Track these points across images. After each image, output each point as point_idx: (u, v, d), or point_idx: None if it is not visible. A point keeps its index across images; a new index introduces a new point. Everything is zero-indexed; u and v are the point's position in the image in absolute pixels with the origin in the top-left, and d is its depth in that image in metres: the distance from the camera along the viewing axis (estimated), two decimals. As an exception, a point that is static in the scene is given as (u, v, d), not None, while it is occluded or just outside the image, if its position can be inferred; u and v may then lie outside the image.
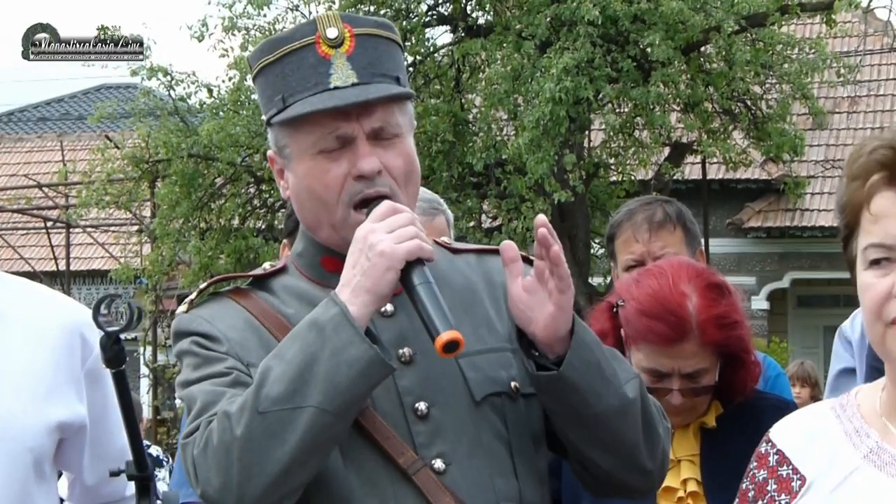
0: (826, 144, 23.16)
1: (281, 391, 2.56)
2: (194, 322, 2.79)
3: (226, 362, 2.71)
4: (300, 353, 2.58)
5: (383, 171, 2.74)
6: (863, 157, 2.28)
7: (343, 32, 2.76)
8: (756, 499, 2.34)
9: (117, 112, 18.73)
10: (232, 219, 17.84)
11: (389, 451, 2.67)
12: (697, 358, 3.51)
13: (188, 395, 2.72)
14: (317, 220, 2.80)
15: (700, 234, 4.58)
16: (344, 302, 2.60)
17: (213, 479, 2.60)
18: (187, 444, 2.66)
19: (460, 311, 2.76)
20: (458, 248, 2.96)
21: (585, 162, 16.88)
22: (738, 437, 3.49)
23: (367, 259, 2.61)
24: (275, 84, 2.79)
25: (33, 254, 25.10)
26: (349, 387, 2.56)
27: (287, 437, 2.55)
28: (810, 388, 10.39)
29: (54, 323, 3.19)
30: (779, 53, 17.28)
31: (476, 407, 2.74)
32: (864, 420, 2.31)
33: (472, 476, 2.70)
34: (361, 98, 2.72)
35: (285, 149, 2.81)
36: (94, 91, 33.91)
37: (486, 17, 17.51)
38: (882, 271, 2.24)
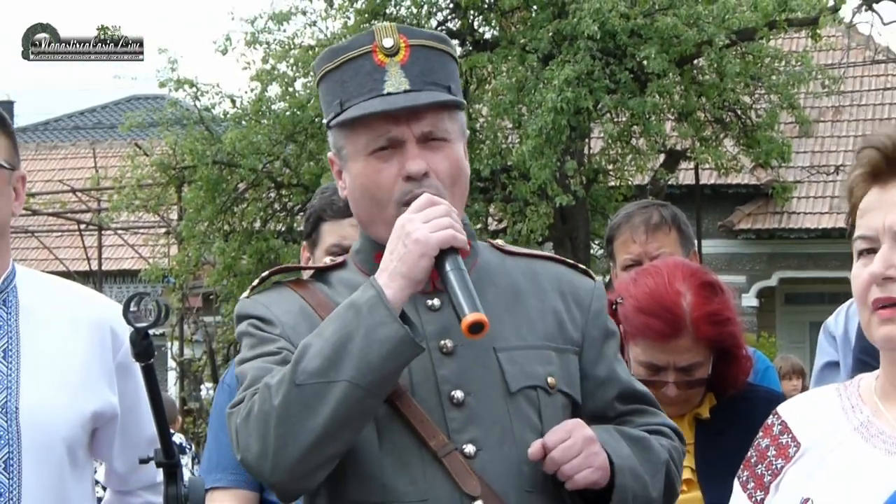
0: (812, 151, 23.12)
1: (317, 365, 2.58)
2: (253, 306, 2.83)
3: (277, 343, 2.74)
4: (337, 332, 2.60)
5: (430, 173, 2.75)
6: (854, 160, 2.35)
7: (398, 42, 2.77)
8: (757, 463, 2.38)
9: (146, 121, 18.70)
10: (254, 222, 17.85)
11: (423, 434, 2.68)
12: (692, 353, 3.51)
13: (241, 372, 2.76)
14: (370, 217, 2.82)
15: (694, 236, 4.57)
16: (381, 285, 2.62)
17: (252, 446, 2.63)
18: (232, 413, 2.69)
19: (503, 308, 2.79)
20: (510, 250, 2.95)
21: (585, 168, 16.87)
22: (730, 428, 3.49)
23: (404, 246, 2.63)
24: (334, 90, 2.82)
25: (67, 254, 25.10)
26: (380, 364, 2.58)
27: (320, 409, 2.57)
28: (803, 378, 10.49)
29: (86, 318, 3.19)
30: (767, 66, 17.27)
31: (511, 398, 2.74)
32: (861, 399, 2.35)
33: (500, 462, 2.70)
34: (411, 103, 2.73)
35: (342, 150, 2.83)
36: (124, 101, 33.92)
37: (492, 32, 17.50)
38: (867, 260, 2.28)
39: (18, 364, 3.10)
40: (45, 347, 3.13)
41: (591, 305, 2.89)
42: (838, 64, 20.77)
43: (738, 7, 16.44)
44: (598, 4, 15.54)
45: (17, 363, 3.10)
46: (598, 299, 2.92)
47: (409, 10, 17.17)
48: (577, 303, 2.89)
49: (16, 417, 3.04)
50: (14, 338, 3.12)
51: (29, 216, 24.10)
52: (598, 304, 2.91)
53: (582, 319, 2.87)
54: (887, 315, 2.23)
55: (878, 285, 2.24)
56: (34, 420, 3.05)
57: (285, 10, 17.54)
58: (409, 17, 17.05)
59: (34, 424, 3.05)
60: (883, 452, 2.24)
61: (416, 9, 17.12)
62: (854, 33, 21.82)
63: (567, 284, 2.90)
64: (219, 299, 18.65)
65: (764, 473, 2.36)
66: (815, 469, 2.29)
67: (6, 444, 3.03)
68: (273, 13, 17.49)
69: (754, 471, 2.37)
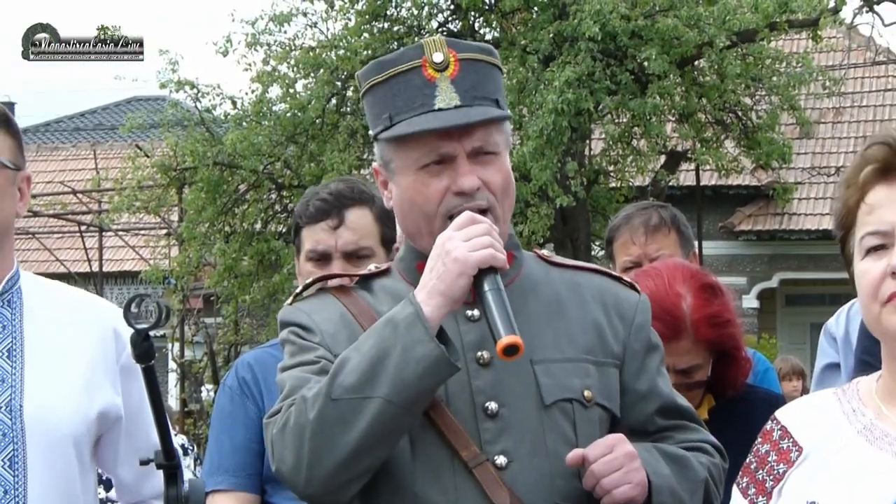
0: (812, 152, 23.13)
1: (353, 381, 2.60)
2: (295, 314, 2.84)
3: (317, 351, 2.76)
4: (374, 347, 2.62)
5: (482, 187, 2.76)
6: (858, 158, 2.32)
7: (448, 57, 2.77)
8: (757, 469, 2.37)
9: (147, 123, 18.69)
10: (254, 223, 17.85)
11: (455, 444, 2.69)
12: (691, 355, 3.51)
13: (281, 380, 2.77)
14: (417, 229, 2.82)
15: (693, 238, 4.57)
16: (419, 302, 2.63)
17: (287, 458, 2.65)
18: (269, 423, 2.71)
19: (544, 320, 2.80)
20: (556, 261, 2.96)
21: (586, 169, 16.87)
22: (729, 429, 3.48)
23: (443, 264, 2.65)
24: (382, 102, 2.80)
25: (68, 256, 25.10)
26: (416, 382, 2.59)
27: (355, 424, 2.59)
28: (803, 380, 10.50)
29: (89, 320, 3.20)
30: (768, 67, 17.28)
31: (545, 410, 2.74)
32: (862, 402, 2.34)
33: (532, 474, 2.70)
34: (463, 121, 2.74)
35: (390, 163, 2.83)
36: (125, 103, 33.93)
37: (493, 33, 17.50)
38: (877, 257, 2.26)
39: (23, 363, 3.11)
40: (49, 348, 3.14)
41: (634, 318, 2.89)
42: (839, 65, 20.77)
43: (738, 8, 16.44)
44: (598, 6, 15.54)
45: (22, 362, 3.11)
46: (642, 312, 2.92)
47: (410, 11, 17.18)
48: (620, 315, 2.88)
49: (20, 416, 3.05)
50: (18, 337, 3.13)
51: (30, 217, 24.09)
52: (642, 318, 2.91)
53: (624, 332, 2.87)
54: None
55: (895, 278, 2.22)
56: (39, 419, 3.06)
57: (286, 12, 17.54)
58: (409, 19, 17.07)
59: (39, 423, 3.06)
60: (890, 455, 2.24)
61: (416, 10, 17.12)
62: (855, 34, 21.82)
63: (611, 297, 2.90)
64: (219, 301, 18.66)
65: (766, 479, 2.35)
66: (820, 472, 2.28)
67: (10, 441, 3.04)
68: (274, 14, 17.50)
69: (755, 476, 2.36)
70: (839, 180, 2.37)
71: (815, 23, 16.90)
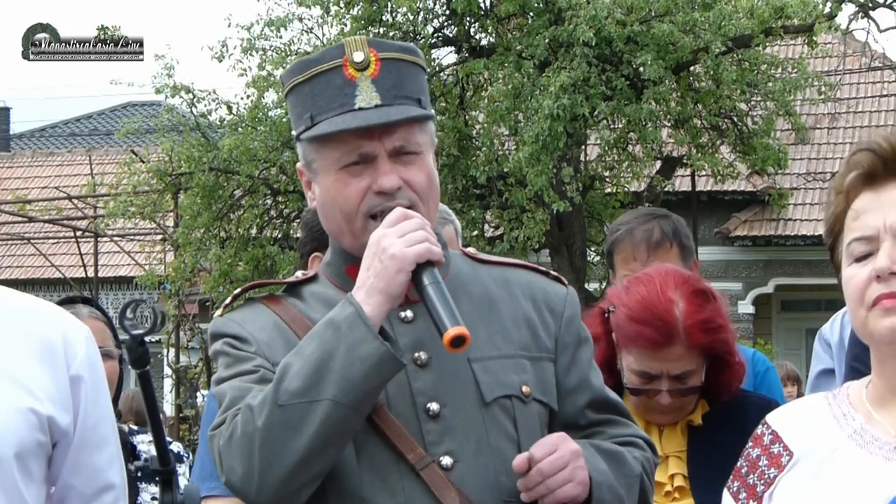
0: (808, 158, 23.15)
1: (299, 385, 2.59)
2: (227, 325, 2.81)
3: (254, 361, 2.74)
4: (317, 350, 2.61)
5: (404, 187, 2.76)
6: (844, 165, 2.34)
7: (369, 56, 2.77)
8: (748, 473, 2.37)
9: (142, 128, 18.70)
10: (250, 228, 17.85)
11: (400, 447, 2.69)
12: (684, 360, 3.51)
13: (220, 392, 2.75)
14: (339, 229, 2.82)
15: (693, 246, 4.57)
16: (359, 302, 2.63)
17: (236, 468, 2.63)
18: (214, 435, 2.69)
19: (476, 318, 2.79)
20: (483, 258, 2.96)
21: (582, 175, 16.87)
22: (723, 435, 3.50)
23: (380, 262, 2.64)
24: (304, 102, 2.81)
25: (63, 261, 25.11)
26: (362, 381, 2.59)
27: (304, 429, 2.58)
28: (798, 385, 10.52)
29: (37, 331, 2.99)
30: (763, 73, 17.29)
31: (486, 408, 2.75)
32: (852, 406, 2.35)
33: (478, 473, 2.71)
34: (383, 120, 2.74)
35: (313, 163, 2.83)
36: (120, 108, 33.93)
37: (489, 39, 17.51)
38: (863, 263, 2.27)
39: None
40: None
41: (563, 312, 2.90)
42: (834, 71, 20.79)
43: (734, 14, 16.46)
44: (594, 11, 15.55)
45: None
46: (571, 306, 2.93)
47: (406, 16, 17.18)
48: (550, 309, 2.89)
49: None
50: None
51: (25, 223, 24.09)
52: (571, 311, 2.92)
53: (555, 326, 2.88)
54: (891, 304, 2.22)
55: (881, 282, 2.23)
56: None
57: (282, 17, 17.55)
58: (405, 24, 17.06)
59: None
60: (881, 459, 2.25)
61: (412, 15, 17.13)
62: (850, 40, 21.83)
63: (540, 292, 2.91)
64: (215, 306, 18.65)
65: (756, 483, 2.35)
66: (811, 477, 2.29)
67: None
68: (269, 19, 17.50)
69: (745, 481, 2.37)
70: (828, 188, 2.38)
71: (811, 28, 16.94)
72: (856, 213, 2.31)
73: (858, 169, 2.31)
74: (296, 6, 17.48)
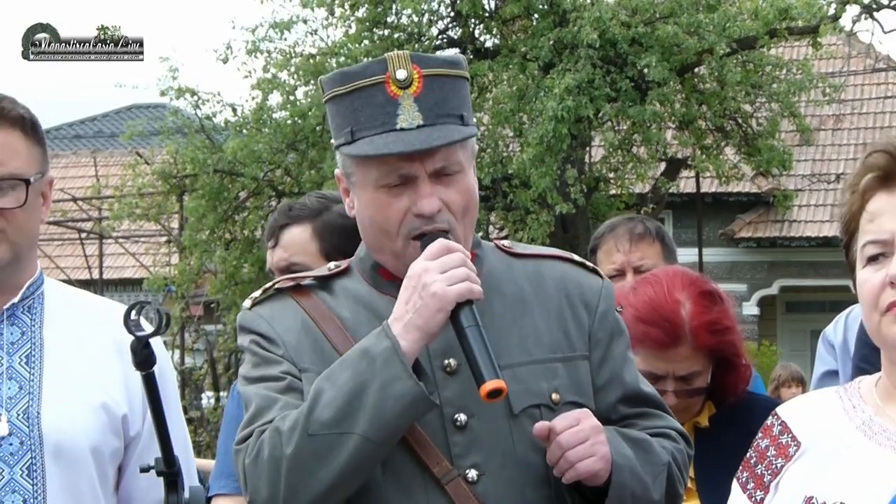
0: (812, 159, 23.15)
1: (330, 416, 2.58)
2: (255, 321, 2.80)
3: (281, 366, 2.73)
4: (350, 381, 2.60)
5: (443, 209, 2.73)
6: (859, 166, 2.34)
7: (412, 74, 2.72)
8: (757, 463, 2.38)
9: (147, 130, 18.72)
10: (255, 230, 17.87)
11: (426, 460, 2.67)
12: (691, 361, 3.51)
13: (245, 393, 2.75)
14: (378, 245, 2.79)
15: (676, 251, 4.58)
16: (396, 336, 2.60)
17: (261, 490, 2.63)
18: (240, 450, 2.69)
19: (509, 321, 2.77)
20: (518, 252, 2.93)
21: (586, 176, 16.89)
22: (729, 437, 3.49)
23: (420, 298, 2.61)
24: (344, 115, 2.76)
25: (68, 263, 25.12)
26: (394, 419, 2.58)
27: (332, 461, 2.58)
28: (803, 386, 10.49)
29: (110, 331, 3.11)
30: (768, 74, 17.30)
31: (514, 419, 2.73)
32: (862, 399, 2.36)
33: (503, 486, 2.69)
34: (425, 145, 2.69)
35: (351, 176, 2.79)
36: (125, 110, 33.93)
37: (493, 41, 17.53)
38: (878, 265, 2.27)
39: (41, 371, 3.08)
40: (69, 356, 3.11)
41: (598, 306, 2.87)
42: (839, 72, 20.79)
43: (738, 16, 16.47)
44: (598, 13, 15.57)
45: (40, 370, 3.08)
46: (606, 299, 2.89)
47: (410, 18, 17.19)
48: (585, 304, 2.86)
49: (38, 423, 3.02)
50: (38, 345, 3.11)
51: (30, 225, 24.05)
52: (606, 304, 2.89)
53: (589, 321, 2.85)
54: None
55: (894, 288, 2.24)
56: (56, 427, 3.03)
57: (286, 19, 17.58)
58: (409, 26, 17.08)
59: (56, 431, 3.03)
60: (888, 449, 2.25)
61: (417, 17, 17.14)
62: (854, 41, 21.83)
63: (574, 286, 2.88)
64: (220, 308, 18.66)
65: (764, 473, 2.36)
66: (817, 467, 2.30)
67: (28, 449, 3.02)
68: (274, 22, 17.53)
69: (754, 471, 2.38)
70: (841, 186, 2.38)
71: (815, 30, 16.94)
72: (871, 216, 2.30)
73: (874, 171, 2.31)
74: (300, 8, 17.50)
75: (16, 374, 3.08)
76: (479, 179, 17.00)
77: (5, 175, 3.05)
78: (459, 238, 2.74)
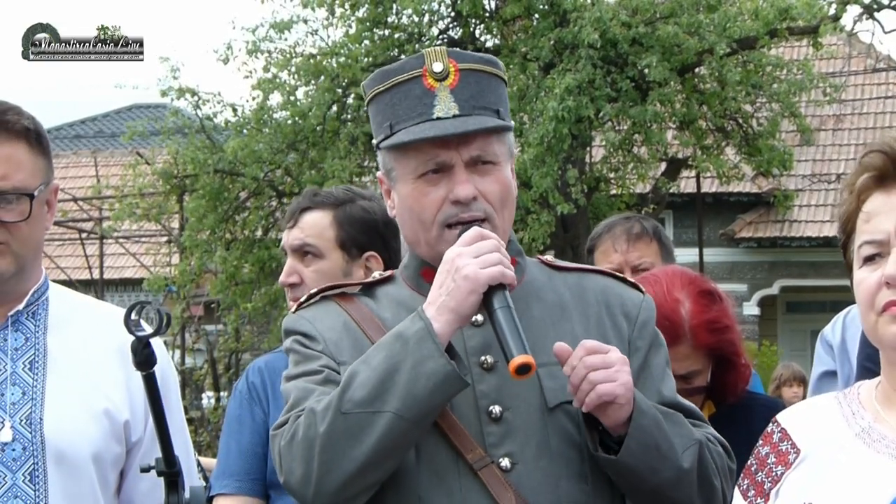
0: (813, 160, 23.16)
1: (363, 395, 2.62)
2: (298, 322, 2.86)
3: (320, 360, 2.78)
4: (384, 362, 2.64)
5: (479, 197, 2.78)
6: (856, 166, 2.35)
7: (448, 67, 2.80)
8: (757, 471, 2.39)
9: (148, 130, 18.71)
10: (255, 230, 17.87)
11: (460, 447, 2.70)
12: (690, 360, 3.52)
13: (286, 390, 2.79)
14: (416, 237, 2.85)
15: (674, 251, 4.59)
16: (429, 318, 2.65)
17: (295, 470, 2.67)
18: (276, 435, 2.73)
19: (548, 323, 2.81)
20: (559, 265, 2.97)
21: (587, 176, 16.89)
22: (729, 436, 3.48)
23: (453, 281, 2.66)
24: (384, 111, 2.84)
25: (69, 263, 25.11)
26: (426, 397, 2.61)
27: (365, 439, 2.61)
28: (804, 386, 10.48)
29: (114, 340, 3.13)
30: (768, 74, 17.29)
31: (549, 413, 2.76)
32: (862, 405, 2.36)
33: (537, 476, 2.71)
34: (460, 130, 2.76)
35: (392, 171, 2.85)
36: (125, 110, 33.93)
37: (494, 41, 17.53)
38: (874, 266, 2.28)
39: (44, 377, 3.10)
40: (73, 362, 3.13)
41: (638, 316, 2.90)
42: (839, 72, 20.79)
43: (739, 16, 16.47)
44: (599, 13, 15.57)
45: (44, 376, 3.10)
46: (646, 311, 2.93)
47: (411, 18, 17.19)
48: (625, 314, 2.90)
49: (40, 429, 3.04)
50: (41, 351, 3.13)
51: (30, 225, 24.04)
52: (646, 315, 2.92)
53: (629, 330, 2.88)
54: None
55: (890, 288, 2.24)
56: (58, 432, 3.05)
57: (286, 19, 17.56)
58: (410, 26, 17.08)
59: (58, 437, 3.04)
60: (887, 457, 2.26)
61: (417, 17, 17.14)
62: (855, 42, 21.84)
63: (615, 297, 2.91)
64: (221, 308, 18.67)
65: (764, 480, 2.37)
66: (816, 475, 2.30)
67: (31, 455, 3.03)
68: (274, 22, 17.52)
69: (754, 478, 2.39)
70: (841, 186, 2.39)
71: (816, 30, 16.93)
72: (867, 216, 2.31)
73: (870, 171, 2.32)
74: (300, 8, 17.50)
75: (19, 380, 3.09)
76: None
77: (9, 189, 3.06)
78: (497, 228, 2.78)
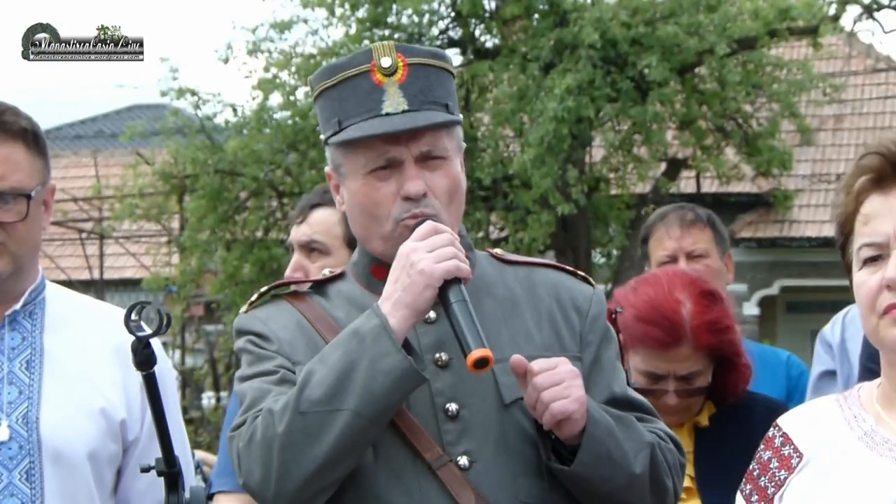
0: (813, 160, 23.12)
1: (321, 394, 2.61)
2: (250, 322, 2.84)
3: (275, 360, 2.76)
4: (341, 360, 2.63)
5: (429, 193, 2.77)
6: (853, 167, 2.34)
7: (396, 62, 2.78)
8: (760, 476, 2.38)
9: (148, 130, 18.71)
10: (256, 230, 17.87)
11: (417, 446, 2.70)
12: (691, 361, 3.52)
13: (241, 391, 2.78)
14: (367, 233, 2.83)
15: (729, 239, 4.60)
16: (385, 314, 2.64)
17: (254, 472, 2.66)
18: (234, 437, 2.72)
19: (499, 319, 2.81)
20: (509, 259, 2.96)
21: (587, 176, 16.88)
22: (729, 436, 3.50)
23: (408, 276, 2.65)
24: (332, 107, 2.82)
25: (69, 263, 25.08)
26: (384, 394, 2.60)
27: (324, 437, 2.60)
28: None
29: (112, 339, 3.14)
30: (768, 74, 17.29)
31: (505, 409, 2.75)
32: (863, 408, 2.35)
33: (495, 473, 2.71)
34: (409, 126, 2.75)
35: (341, 167, 2.84)
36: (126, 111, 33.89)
37: (494, 41, 17.53)
38: (874, 268, 2.28)
39: (41, 376, 3.11)
40: (70, 362, 3.13)
41: (589, 311, 2.90)
42: (839, 72, 20.78)
43: (738, 16, 16.48)
44: (599, 13, 15.57)
45: (40, 375, 3.11)
46: (597, 305, 2.92)
47: (411, 18, 17.20)
48: (576, 308, 2.89)
49: (37, 428, 3.05)
50: (38, 350, 3.13)
51: (30, 225, 24.02)
52: (597, 310, 2.91)
53: (580, 324, 2.88)
54: None
55: (891, 291, 2.24)
56: (55, 431, 3.05)
57: (287, 19, 17.57)
58: (410, 26, 17.07)
59: (55, 436, 3.05)
60: (889, 460, 2.25)
61: (417, 17, 17.14)
62: (855, 42, 21.83)
63: (565, 291, 2.91)
64: (221, 308, 18.67)
65: (767, 485, 2.36)
66: (820, 479, 2.30)
67: (27, 454, 3.04)
68: (274, 22, 17.53)
69: (757, 483, 2.38)
70: (838, 187, 2.38)
71: (816, 30, 16.93)
72: (865, 218, 2.31)
73: (868, 173, 2.32)
74: (300, 8, 17.50)
75: (16, 380, 3.09)
76: (480, 179, 17.03)
77: (6, 189, 3.07)
78: (445, 223, 2.76)
